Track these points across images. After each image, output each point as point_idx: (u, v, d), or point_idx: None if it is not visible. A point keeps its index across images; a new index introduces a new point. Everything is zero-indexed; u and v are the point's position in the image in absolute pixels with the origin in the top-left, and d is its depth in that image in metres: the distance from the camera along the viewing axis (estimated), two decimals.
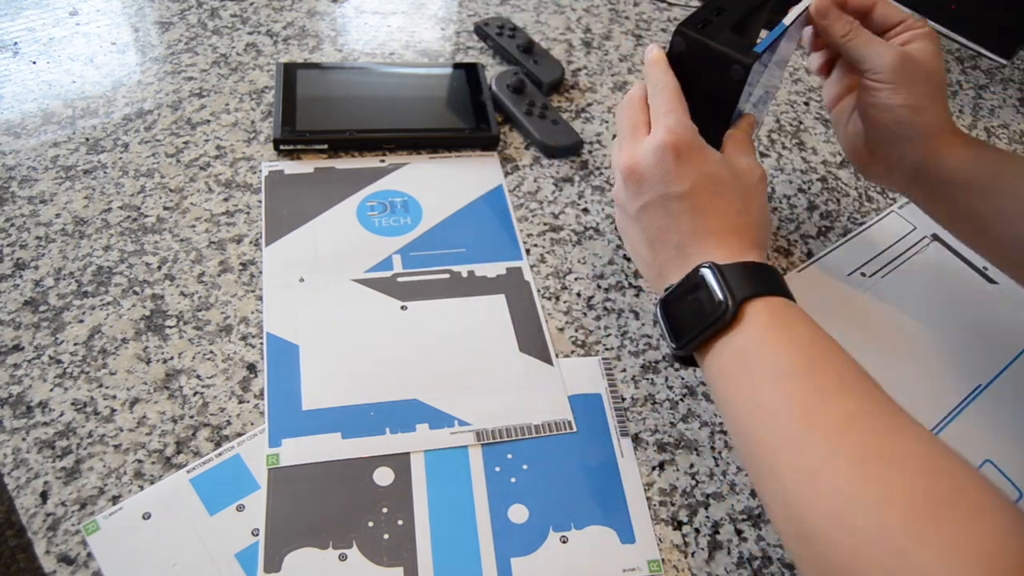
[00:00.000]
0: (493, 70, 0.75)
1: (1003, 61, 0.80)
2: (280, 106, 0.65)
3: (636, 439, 0.51)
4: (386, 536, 0.45)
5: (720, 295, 0.41)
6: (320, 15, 0.78)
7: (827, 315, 0.46)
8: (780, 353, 0.39)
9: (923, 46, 0.51)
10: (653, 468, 0.50)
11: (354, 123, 0.65)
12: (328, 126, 0.65)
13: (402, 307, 0.55)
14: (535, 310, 0.56)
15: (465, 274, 0.58)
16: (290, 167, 0.63)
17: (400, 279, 0.57)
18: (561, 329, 0.56)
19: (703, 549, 0.46)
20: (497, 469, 0.48)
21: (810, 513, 0.35)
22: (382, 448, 0.48)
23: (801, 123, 0.76)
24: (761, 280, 0.42)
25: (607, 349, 0.55)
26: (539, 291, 0.58)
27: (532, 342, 0.54)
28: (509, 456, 0.49)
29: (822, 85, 0.60)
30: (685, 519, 0.48)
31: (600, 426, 0.51)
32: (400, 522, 0.45)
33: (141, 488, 0.45)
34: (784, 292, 0.42)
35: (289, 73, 0.68)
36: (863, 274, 0.62)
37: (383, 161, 0.65)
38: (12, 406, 0.48)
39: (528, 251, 0.60)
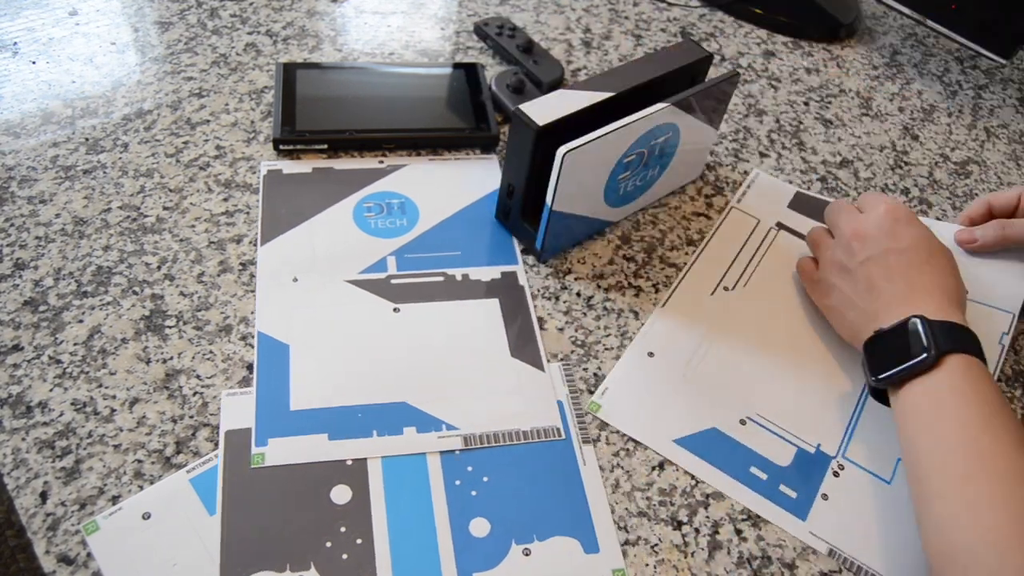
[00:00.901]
0: (493, 70, 0.75)
1: (1003, 61, 0.80)
2: (280, 106, 0.65)
3: (636, 439, 0.51)
4: (345, 556, 0.44)
5: (926, 342, 0.47)
6: (320, 15, 0.78)
7: (707, 335, 0.49)
8: (968, 402, 0.45)
9: None
10: (653, 468, 0.50)
11: (354, 123, 0.65)
12: (328, 126, 0.65)
13: (395, 309, 0.55)
14: (528, 315, 0.56)
15: (459, 277, 0.58)
16: (289, 167, 0.63)
17: (394, 281, 0.57)
18: (561, 329, 0.56)
19: (703, 549, 0.46)
20: (457, 483, 0.47)
21: (965, 536, 0.41)
22: (368, 451, 0.47)
23: (801, 123, 0.76)
24: (962, 339, 0.47)
25: (607, 349, 0.55)
26: (539, 291, 0.58)
27: (524, 348, 0.54)
28: (469, 469, 0.48)
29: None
30: (685, 519, 0.48)
31: (562, 435, 0.50)
32: (359, 541, 0.44)
33: (141, 488, 0.45)
34: (979, 354, 0.47)
35: (289, 73, 0.68)
36: (725, 288, 0.60)
37: (382, 162, 0.65)
38: (12, 406, 0.48)
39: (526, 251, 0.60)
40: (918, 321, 0.48)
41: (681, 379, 0.54)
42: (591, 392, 0.53)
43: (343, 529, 0.45)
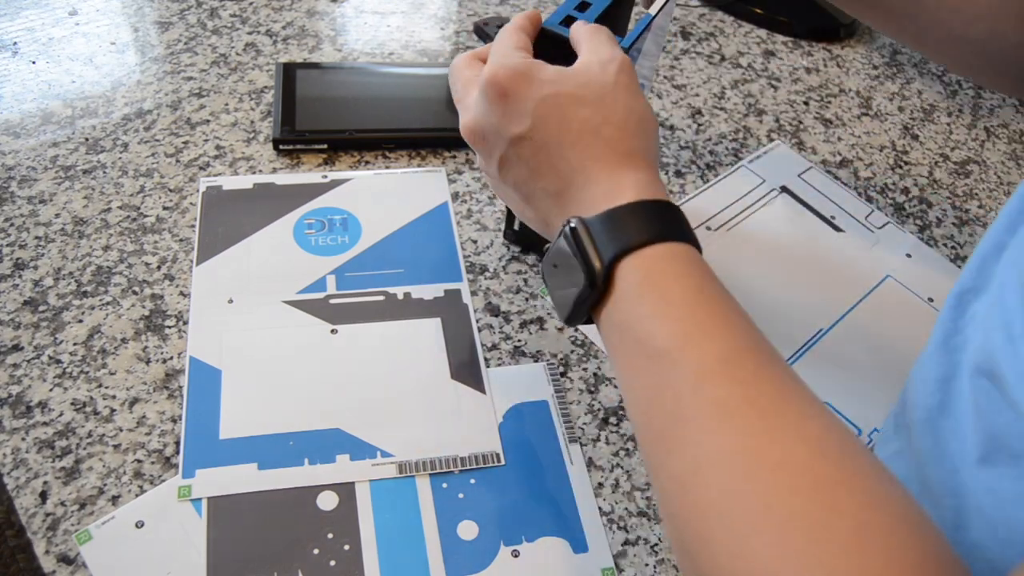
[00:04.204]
0: None
1: None
2: (280, 106, 0.65)
3: (636, 439, 0.51)
4: (332, 563, 0.43)
5: (583, 263, 0.35)
6: (320, 15, 0.78)
7: None
8: (651, 327, 0.33)
9: None
10: None
11: (354, 123, 0.65)
12: (328, 126, 0.65)
13: (332, 331, 0.53)
14: (471, 335, 0.54)
15: (401, 296, 0.56)
16: (228, 183, 0.61)
17: (333, 301, 0.55)
18: (560, 329, 0.56)
19: None
20: (444, 486, 0.47)
21: (684, 529, 0.31)
22: (299, 480, 0.46)
23: (801, 123, 0.76)
24: (635, 227, 0.35)
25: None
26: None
27: (465, 369, 0.52)
28: (457, 472, 0.48)
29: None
30: None
31: (548, 434, 0.50)
32: (346, 547, 0.44)
33: (141, 488, 0.45)
34: (666, 233, 0.35)
35: (289, 73, 0.68)
36: (708, 228, 0.63)
37: (325, 177, 0.63)
38: (11, 406, 0.48)
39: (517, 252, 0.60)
40: (568, 232, 0.36)
41: None
42: (591, 392, 0.53)
43: (330, 535, 0.44)
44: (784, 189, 0.68)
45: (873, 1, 0.56)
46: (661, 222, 0.35)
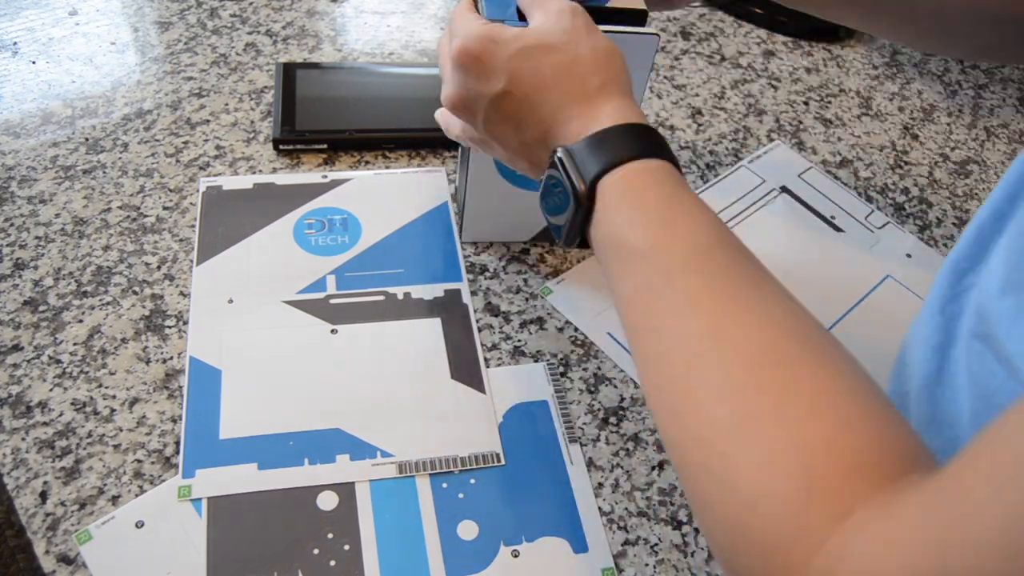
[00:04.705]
0: None
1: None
2: (280, 106, 0.65)
3: (636, 439, 0.51)
4: (332, 563, 0.43)
5: (571, 185, 0.38)
6: (320, 15, 0.78)
7: None
8: (628, 231, 0.36)
9: None
10: (653, 468, 0.50)
11: (354, 123, 0.65)
12: (328, 126, 0.65)
13: (332, 331, 0.53)
14: (471, 335, 0.54)
15: (401, 296, 0.56)
16: (228, 183, 0.61)
17: (333, 301, 0.55)
18: (560, 329, 0.56)
19: (703, 549, 0.46)
20: (444, 486, 0.47)
21: (656, 406, 0.34)
22: (299, 480, 0.46)
23: (801, 123, 0.76)
24: (614, 148, 0.37)
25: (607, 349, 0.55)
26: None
27: (465, 368, 0.52)
28: (457, 472, 0.48)
29: None
30: (685, 519, 0.48)
31: (548, 434, 0.50)
32: (346, 547, 0.44)
33: (141, 488, 0.45)
34: (643, 151, 0.38)
35: (289, 73, 0.68)
36: None
37: (325, 177, 0.63)
38: (12, 406, 0.48)
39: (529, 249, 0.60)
40: (556, 161, 0.39)
41: None
42: (592, 392, 0.53)
43: (330, 535, 0.44)
44: (784, 189, 0.68)
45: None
46: (638, 142, 0.38)
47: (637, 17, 0.51)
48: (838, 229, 0.66)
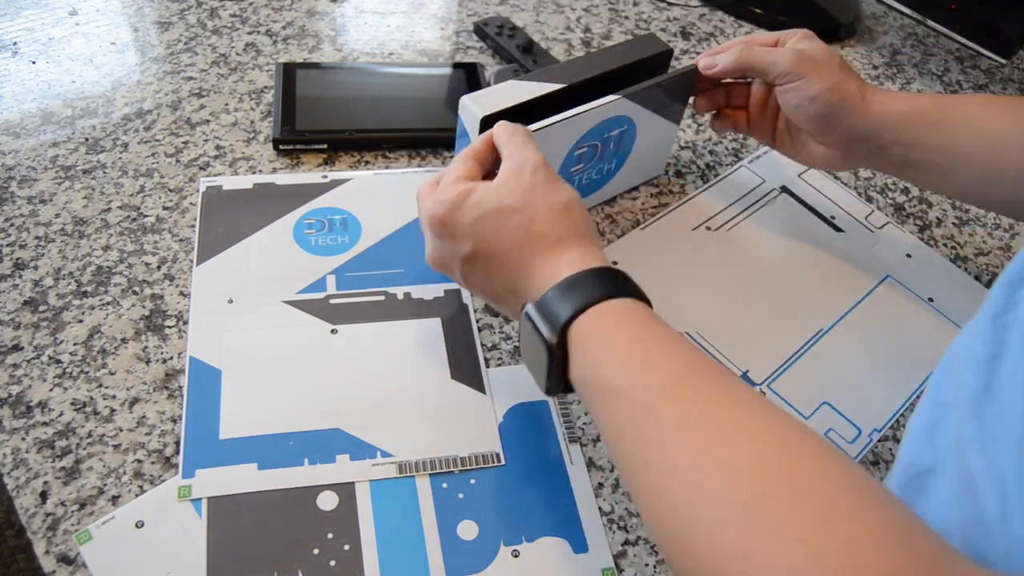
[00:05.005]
0: (493, 70, 0.75)
1: (1003, 61, 0.80)
2: (280, 106, 0.65)
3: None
4: (332, 563, 0.43)
5: (541, 337, 0.40)
6: (320, 15, 0.78)
7: (670, 269, 0.52)
8: (604, 371, 0.38)
9: (804, 38, 0.56)
10: None
11: (354, 123, 0.65)
12: (328, 126, 0.65)
13: (332, 331, 0.53)
14: (471, 335, 0.54)
15: (401, 296, 0.56)
16: (228, 183, 0.61)
17: (333, 301, 0.55)
18: None
19: None
20: (444, 486, 0.47)
21: (662, 539, 0.34)
22: (299, 480, 0.46)
23: None
24: (578, 293, 0.39)
25: None
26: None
27: (465, 368, 0.52)
28: (457, 472, 0.48)
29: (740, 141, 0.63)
30: None
31: (548, 434, 0.50)
32: (346, 547, 0.44)
33: (141, 488, 0.45)
34: (604, 293, 0.39)
35: (289, 73, 0.68)
36: (708, 228, 0.64)
37: (325, 177, 0.63)
38: (12, 406, 0.48)
39: None
40: (526, 315, 0.41)
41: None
42: None
43: (330, 535, 0.44)
44: (784, 189, 0.68)
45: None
46: (602, 284, 0.40)
47: (663, 59, 0.58)
48: (838, 229, 0.66)
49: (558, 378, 0.41)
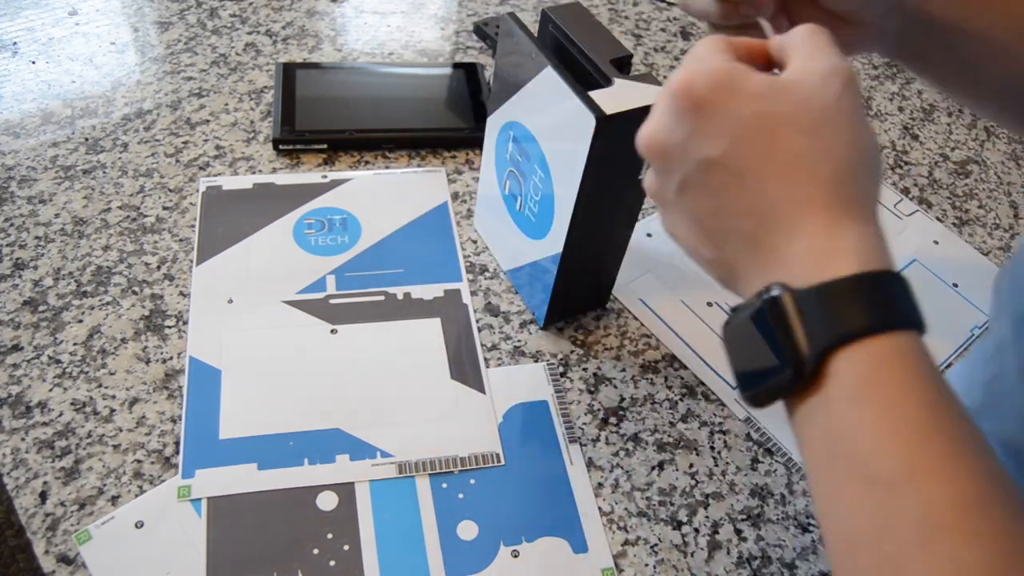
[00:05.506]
0: (492, 70, 0.75)
1: None
2: (279, 106, 0.65)
3: (636, 439, 0.51)
4: (332, 563, 0.43)
5: (788, 345, 0.28)
6: (320, 15, 0.78)
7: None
8: (872, 446, 0.27)
9: None
10: (653, 468, 0.50)
11: (354, 123, 0.65)
12: (327, 126, 0.65)
13: (332, 331, 0.53)
14: (471, 335, 0.54)
15: (401, 296, 0.56)
16: (228, 183, 0.61)
17: (332, 301, 0.55)
18: (561, 329, 0.56)
19: (703, 549, 0.46)
20: (444, 486, 0.47)
21: None
22: (299, 480, 0.46)
23: None
24: (857, 310, 0.28)
25: (606, 349, 0.55)
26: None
27: (465, 369, 0.52)
28: (456, 472, 0.48)
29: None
30: (685, 519, 0.48)
31: (547, 434, 0.50)
32: (346, 547, 0.44)
33: (141, 488, 0.45)
34: (892, 320, 0.28)
35: (288, 73, 0.68)
36: None
37: (325, 177, 0.63)
38: (11, 406, 0.48)
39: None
40: (772, 301, 0.29)
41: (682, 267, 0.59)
42: (591, 392, 0.53)
43: (330, 536, 0.44)
44: None
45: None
46: (887, 303, 0.28)
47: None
48: None
49: (774, 394, 0.30)
